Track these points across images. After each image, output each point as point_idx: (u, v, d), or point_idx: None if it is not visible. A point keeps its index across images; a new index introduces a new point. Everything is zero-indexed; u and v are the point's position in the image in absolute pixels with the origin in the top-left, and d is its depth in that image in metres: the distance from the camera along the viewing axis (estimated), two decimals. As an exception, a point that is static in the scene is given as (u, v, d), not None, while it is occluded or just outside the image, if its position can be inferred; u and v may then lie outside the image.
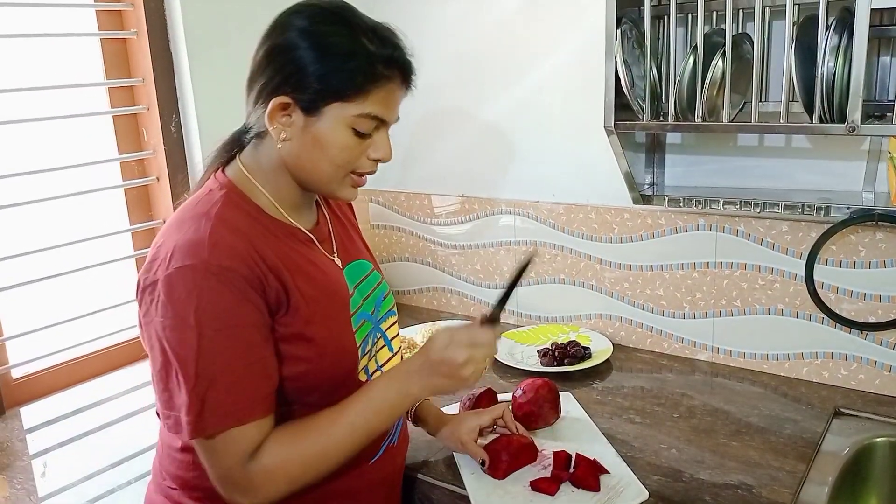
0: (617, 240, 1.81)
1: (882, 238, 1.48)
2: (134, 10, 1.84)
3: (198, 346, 0.91)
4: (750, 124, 1.39)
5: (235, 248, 0.94)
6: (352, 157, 1.00)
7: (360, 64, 0.95)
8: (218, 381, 0.92)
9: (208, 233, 0.94)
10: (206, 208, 0.98)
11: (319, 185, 1.04)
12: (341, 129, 0.97)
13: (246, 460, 0.94)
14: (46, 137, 1.77)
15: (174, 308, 0.91)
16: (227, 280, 0.92)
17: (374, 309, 1.15)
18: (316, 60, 0.95)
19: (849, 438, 1.38)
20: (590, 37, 1.70)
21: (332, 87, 0.95)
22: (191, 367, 0.91)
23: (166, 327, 0.92)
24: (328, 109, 0.96)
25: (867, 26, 1.21)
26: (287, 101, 0.96)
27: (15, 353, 1.73)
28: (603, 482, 1.22)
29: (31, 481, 1.40)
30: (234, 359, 0.93)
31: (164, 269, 0.92)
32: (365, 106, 0.97)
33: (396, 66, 0.98)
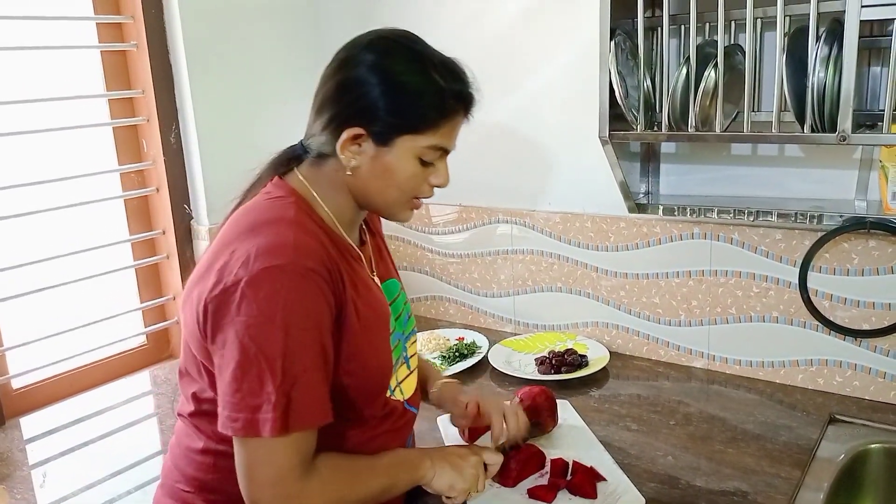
0: (613, 248, 1.82)
1: (875, 246, 1.49)
2: (134, 23, 1.86)
3: (284, 344, 0.91)
4: (743, 134, 1.41)
5: (317, 253, 0.96)
6: (417, 185, 1.05)
7: (433, 100, 0.99)
8: (302, 380, 0.93)
9: (292, 236, 0.95)
10: (282, 213, 1.00)
11: (382, 208, 1.08)
12: (410, 158, 1.01)
13: (307, 465, 0.95)
14: (47, 149, 1.79)
15: (260, 306, 0.91)
16: (313, 281, 0.93)
17: (403, 329, 1.18)
18: (390, 95, 0.98)
19: (844, 445, 1.39)
20: (584, 48, 1.72)
21: (406, 122, 0.99)
22: (277, 364, 0.91)
23: (250, 326, 0.91)
24: (399, 141, 1.00)
25: (857, 37, 1.23)
26: (360, 132, 0.99)
27: (15, 363, 1.74)
28: (600, 489, 1.23)
29: (31, 491, 1.40)
30: (315, 359, 0.94)
31: (246, 269, 0.92)
32: (434, 138, 1.01)
33: (464, 100, 1.03)
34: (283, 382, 0.91)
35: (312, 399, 0.94)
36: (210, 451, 1.05)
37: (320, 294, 0.94)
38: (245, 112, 2.05)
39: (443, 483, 1.10)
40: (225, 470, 1.00)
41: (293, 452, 0.94)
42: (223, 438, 1.00)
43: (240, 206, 1.08)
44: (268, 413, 0.91)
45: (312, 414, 0.94)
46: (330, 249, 1.00)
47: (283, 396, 0.91)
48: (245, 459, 0.94)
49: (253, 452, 0.93)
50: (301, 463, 0.94)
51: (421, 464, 1.09)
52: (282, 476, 0.93)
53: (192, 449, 1.07)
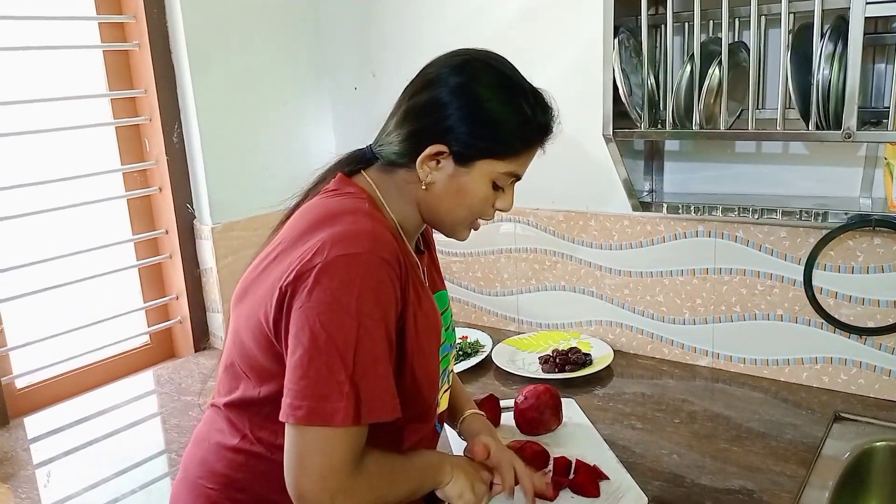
0: (617, 246, 1.82)
1: (880, 243, 1.48)
2: (136, 23, 1.86)
3: (357, 334, 0.89)
4: (747, 131, 1.40)
5: (393, 246, 0.95)
6: (485, 207, 1.06)
7: (519, 129, 1.01)
8: (372, 372, 0.91)
9: (369, 227, 0.95)
10: (358, 205, 1.00)
11: (446, 225, 1.08)
12: (485, 182, 1.03)
13: (358, 460, 0.93)
14: (50, 149, 1.79)
15: (334, 294, 0.89)
16: (387, 273, 0.92)
17: (451, 341, 1.18)
18: (478, 120, 0.99)
19: (849, 443, 1.39)
20: (588, 46, 1.71)
21: (491, 147, 1.00)
22: (349, 353, 0.89)
23: (322, 313, 0.89)
24: (480, 164, 1.01)
25: (861, 34, 1.22)
26: (444, 150, 0.99)
27: (19, 362, 1.74)
28: (602, 488, 1.23)
29: (36, 491, 1.40)
30: (385, 352, 0.93)
31: (322, 256, 0.91)
32: (512, 165, 1.03)
33: (546, 132, 1.05)
34: (355, 372, 0.89)
35: (382, 391, 0.92)
36: (243, 451, 1.02)
37: (392, 287, 0.93)
38: (247, 111, 2.05)
39: (455, 490, 1.08)
40: (256, 471, 0.99)
41: (350, 446, 0.91)
42: (260, 439, 1.00)
43: (302, 203, 1.06)
44: (338, 402, 0.88)
45: (383, 407, 0.92)
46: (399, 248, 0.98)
47: (354, 387, 0.89)
48: (298, 448, 0.90)
49: (309, 442, 0.90)
50: (353, 458, 0.92)
51: (442, 468, 1.08)
52: (334, 469, 0.90)
53: (224, 445, 1.04)
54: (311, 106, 2.21)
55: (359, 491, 0.93)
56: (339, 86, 2.23)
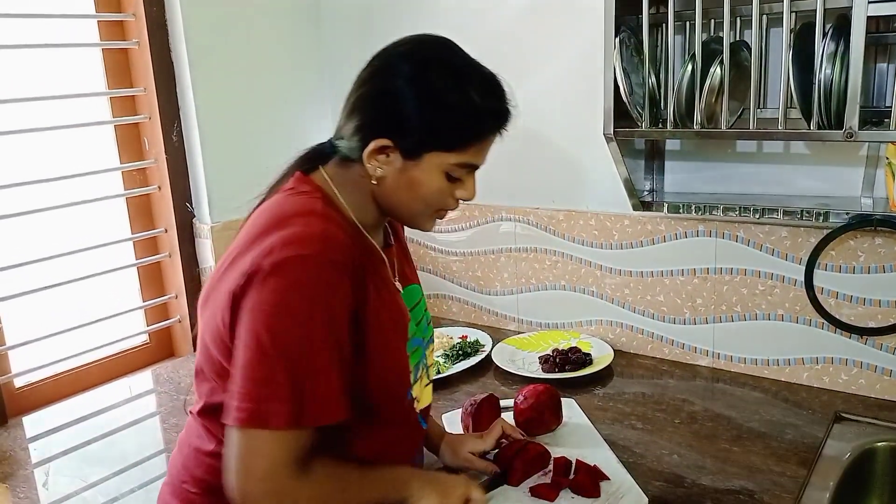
0: (617, 246, 1.82)
1: (881, 243, 1.48)
2: (135, 21, 1.85)
3: (301, 336, 0.89)
4: (748, 131, 1.40)
5: (345, 246, 0.94)
6: (442, 199, 1.03)
7: (468, 119, 0.97)
8: (316, 375, 0.90)
9: (320, 228, 0.94)
10: (311, 206, 0.98)
11: (406, 218, 1.07)
12: (437, 174, 0.99)
13: (302, 463, 0.92)
14: (49, 147, 1.78)
15: (280, 296, 0.89)
16: (336, 273, 0.91)
17: (423, 335, 1.16)
18: (424, 111, 0.95)
19: (850, 443, 1.38)
20: (588, 44, 1.71)
21: (437, 139, 0.97)
22: (293, 356, 0.89)
23: (268, 315, 0.89)
24: (428, 156, 0.97)
25: (863, 33, 1.22)
26: (388, 143, 0.97)
27: (18, 361, 1.74)
28: (603, 488, 1.22)
29: (34, 490, 1.40)
30: (332, 354, 0.92)
31: (270, 258, 0.90)
32: (465, 156, 0.99)
33: (500, 119, 1.01)
34: (297, 375, 0.89)
35: (326, 394, 0.91)
36: (220, 455, 1.01)
37: (342, 288, 0.92)
38: (247, 110, 2.04)
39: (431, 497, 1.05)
40: None
41: (292, 448, 0.91)
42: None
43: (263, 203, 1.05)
44: (278, 405, 0.88)
45: (325, 410, 0.92)
46: (355, 247, 0.98)
47: (295, 389, 0.89)
48: (240, 450, 0.90)
49: (250, 443, 0.90)
50: (297, 460, 0.91)
51: (408, 484, 1.05)
52: (276, 471, 0.90)
53: (202, 451, 1.05)
54: (312, 104, 2.21)
55: (302, 495, 0.93)
56: (340, 84, 2.18)
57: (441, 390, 1.68)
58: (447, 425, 1.48)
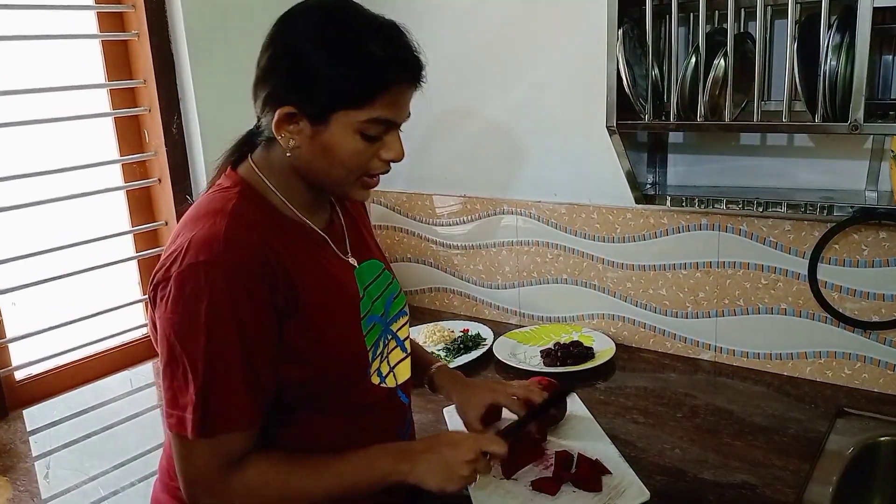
0: (619, 239, 1.81)
1: (885, 237, 1.47)
2: (135, 12, 1.84)
3: (206, 344, 0.90)
4: (752, 123, 1.39)
5: (250, 245, 0.93)
6: (363, 161, 0.98)
7: (368, 71, 0.92)
8: (223, 381, 0.91)
9: (223, 228, 0.93)
10: (222, 204, 0.97)
11: (332, 187, 1.03)
12: (350, 135, 0.95)
13: (230, 466, 0.94)
14: (48, 139, 1.77)
15: (185, 304, 0.90)
16: (240, 278, 0.91)
17: (384, 311, 1.14)
18: (321, 69, 0.92)
19: (852, 438, 1.38)
20: (591, 36, 1.69)
21: (340, 97, 0.93)
22: (199, 364, 0.90)
23: (175, 323, 0.90)
24: (336, 118, 0.94)
25: (869, 24, 1.21)
26: (292, 111, 0.94)
27: (18, 354, 1.73)
28: (605, 482, 1.22)
29: (35, 483, 1.40)
30: (241, 359, 0.92)
31: (178, 265, 0.91)
32: (373, 111, 0.94)
33: (404, 68, 0.95)
34: (203, 384, 0.90)
35: (232, 402, 0.92)
36: None
37: (248, 291, 0.91)
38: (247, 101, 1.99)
39: (432, 484, 1.01)
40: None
41: (213, 454, 0.93)
42: None
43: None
44: (188, 413, 0.90)
45: (230, 417, 0.92)
46: (273, 237, 0.96)
47: (201, 398, 0.90)
48: (175, 454, 0.95)
49: (180, 448, 0.94)
50: (223, 464, 0.93)
51: (395, 469, 1.01)
52: (203, 475, 0.93)
53: None
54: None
55: (234, 494, 0.94)
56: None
57: (442, 384, 1.67)
58: (448, 419, 1.47)
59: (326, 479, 0.99)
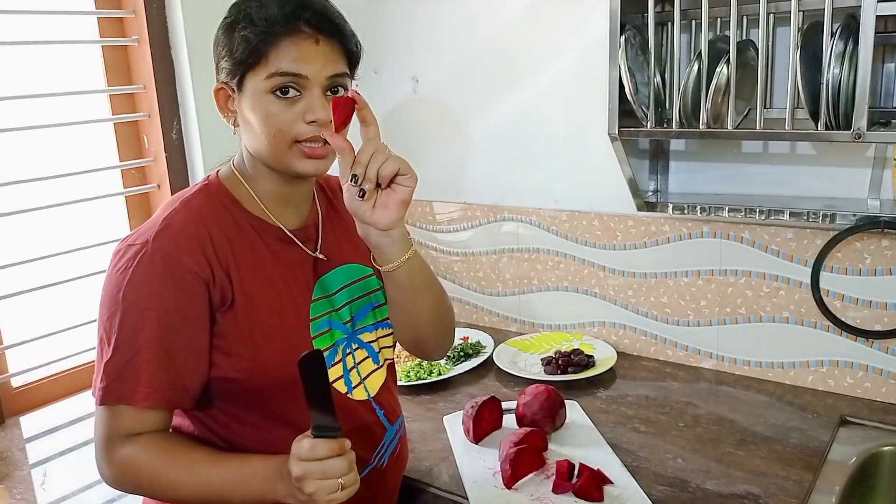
0: (620, 247, 1.80)
1: (888, 245, 1.47)
2: (135, 18, 1.84)
3: (121, 320, 0.95)
4: (755, 131, 1.38)
5: (184, 235, 0.98)
6: (282, 123, 0.97)
7: (251, 25, 0.95)
8: (129, 358, 0.96)
9: (163, 219, 0.99)
10: (178, 196, 1.04)
11: (272, 161, 1.01)
12: (261, 96, 0.97)
13: (119, 440, 0.98)
14: (47, 144, 1.77)
15: (108, 282, 0.98)
16: (163, 264, 0.95)
17: (350, 317, 1.12)
18: (223, 39, 0.99)
19: (855, 447, 1.37)
20: (593, 43, 1.69)
21: (241, 58, 0.96)
22: (113, 337, 0.96)
23: (103, 297, 0.98)
24: (247, 83, 0.98)
25: (873, 32, 1.20)
26: (218, 86, 1.02)
27: (15, 361, 1.72)
28: (606, 493, 1.21)
29: (31, 491, 1.39)
30: (151, 341, 0.96)
31: (116, 246, 1.00)
32: (270, 66, 0.95)
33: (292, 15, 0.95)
34: (114, 356, 0.96)
35: (134, 379, 0.96)
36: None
37: (169, 277, 0.95)
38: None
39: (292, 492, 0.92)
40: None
41: (107, 424, 0.98)
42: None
43: None
44: (99, 381, 0.97)
45: (125, 392, 0.96)
46: (218, 231, 1.00)
47: (112, 369, 0.96)
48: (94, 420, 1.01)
49: (96, 415, 1.00)
50: (112, 436, 0.98)
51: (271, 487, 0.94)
52: (99, 443, 0.99)
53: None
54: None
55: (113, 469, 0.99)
56: (341, 83, 2.20)
57: (442, 392, 1.67)
58: (448, 427, 1.46)
59: (195, 480, 0.97)
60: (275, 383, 1.02)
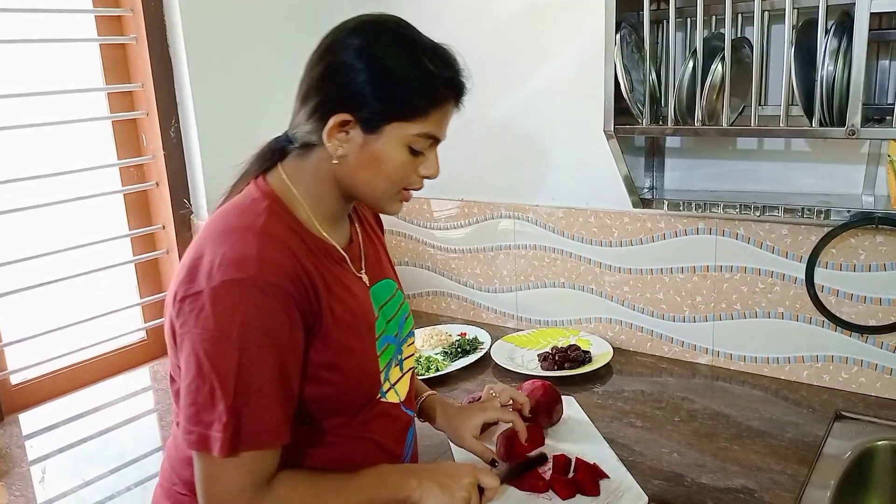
0: (617, 243, 1.81)
1: (882, 241, 1.48)
2: (133, 16, 1.84)
3: (238, 362, 0.89)
4: (749, 128, 1.39)
5: (283, 265, 0.92)
6: (406, 174, 1.01)
7: (423, 86, 0.96)
8: (255, 400, 0.90)
9: (256, 248, 0.92)
10: (252, 220, 0.96)
11: (371, 199, 1.03)
12: (399, 147, 0.98)
13: (262, 485, 0.92)
14: (46, 143, 1.77)
15: (217, 321, 0.89)
16: (275, 297, 0.90)
17: (397, 331, 1.15)
18: (378, 81, 0.95)
19: (850, 442, 1.38)
20: (589, 41, 1.70)
21: (395, 108, 0.95)
22: (230, 382, 0.88)
23: (206, 340, 0.89)
24: (388, 128, 0.96)
25: (867, 29, 1.21)
26: (348, 118, 0.95)
27: (14, 358, 1.73)
28: (603, 487, 1.21)
29: (30, 488, 1.39)
30: (273, 378, 0.91)
31: (209, 280, 0.90)
32: (424, 126, 0.97)
33: (455, 88, 1.00)
34: (235, 402, 0.89)
35: (265, 420, 0.91)
36: None
37: (281, 311, 0.91)
38: (246, 105, 2.03)
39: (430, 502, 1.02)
40: None
41: (243, 473, 0.91)
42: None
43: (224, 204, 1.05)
44: (217, 432, 0.88)
45: (263, 435, 0.91)
46: (303, 256, 0.96)
47: (233, 416, 0.89)
48: (200, 474, 0.92)
49: (206, 468, 0.91)
50: (253, 484, 0.91)
51: (405, 483, 1.02)
52: (232, 496, 0.91)
53: (187, 455, 1.03)
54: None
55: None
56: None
57: (440, 388, 1.67)
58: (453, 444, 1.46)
59: (349, 495, 0.98)
60: (346, 402, 1.03)
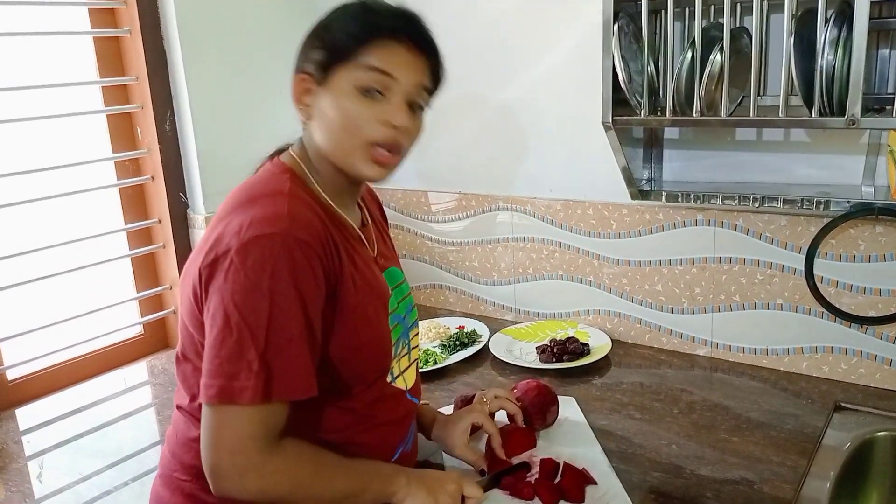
0: (615, 235, 1.80)
1: (882, 232, 1.47)
2: (127, 8, 1.83)
3: (270, 313, 0.90)
4: (748, 118, 1.38)
5: (312, 224, 0.95)
6: (363, 122, 0.98)
7: (351, 22, 0.99)
8: (286, 350, 0.91)
9: (287, 208, 0.94)
10: (279, 186, 0.98)
11: (341, 160, 1.02)
12: (350, 92, 0.98)
13: (271, 440, 0.92)
14: (39, 137, 1.76)
15: (248, 274, 0.90)
16: (304, 252, 0.92)
17: (406, 314, 1.16)
18: (314, 32, 1.01)
19: (850, 433, 1.38)
20: (587, 32, 1.69)
21: (330, 52, 0.98)
22: (260, 332, 0.90)
23: (236, 292, 0.90)
24: (335, 76, 0.98)
25: (867, 18, 1.20)
26: (302, 76, 1.00)
27: (10, 353, 1.72)
28: (588, 493, 1.18)
29: (28, 483, 1.39)
30: (301, 331, 0.92)
31: (238, 238, 0.91)
32: (367, 61, 0.97)
33: (391, 18, 1.00)
34: (266, 351, 0.90)
35: (296, 369, 0.92)
36: None
37: (309, 267, 0.92)
38: (241, 98, 2.02)
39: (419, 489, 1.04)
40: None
41: (257, 423, 0.91)
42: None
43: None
44: (247, 381, 0.89)
45: (294, 385, 0.92)
46: (328, 224, 0.99)
47: (265, 365, 0.90)
48: (211, 424, 0.92)
49: (220, 418, 0.91)
50: (266, 436, 0.92)
51: (395, 479, 1.03)
52: (244, 445, 0.91)
53: (190, 437, 1.04)
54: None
55: (272, 471, 0.93)
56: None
57: (438, 381, 1.67)
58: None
59: (344, 480, 0.99)
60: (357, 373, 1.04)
